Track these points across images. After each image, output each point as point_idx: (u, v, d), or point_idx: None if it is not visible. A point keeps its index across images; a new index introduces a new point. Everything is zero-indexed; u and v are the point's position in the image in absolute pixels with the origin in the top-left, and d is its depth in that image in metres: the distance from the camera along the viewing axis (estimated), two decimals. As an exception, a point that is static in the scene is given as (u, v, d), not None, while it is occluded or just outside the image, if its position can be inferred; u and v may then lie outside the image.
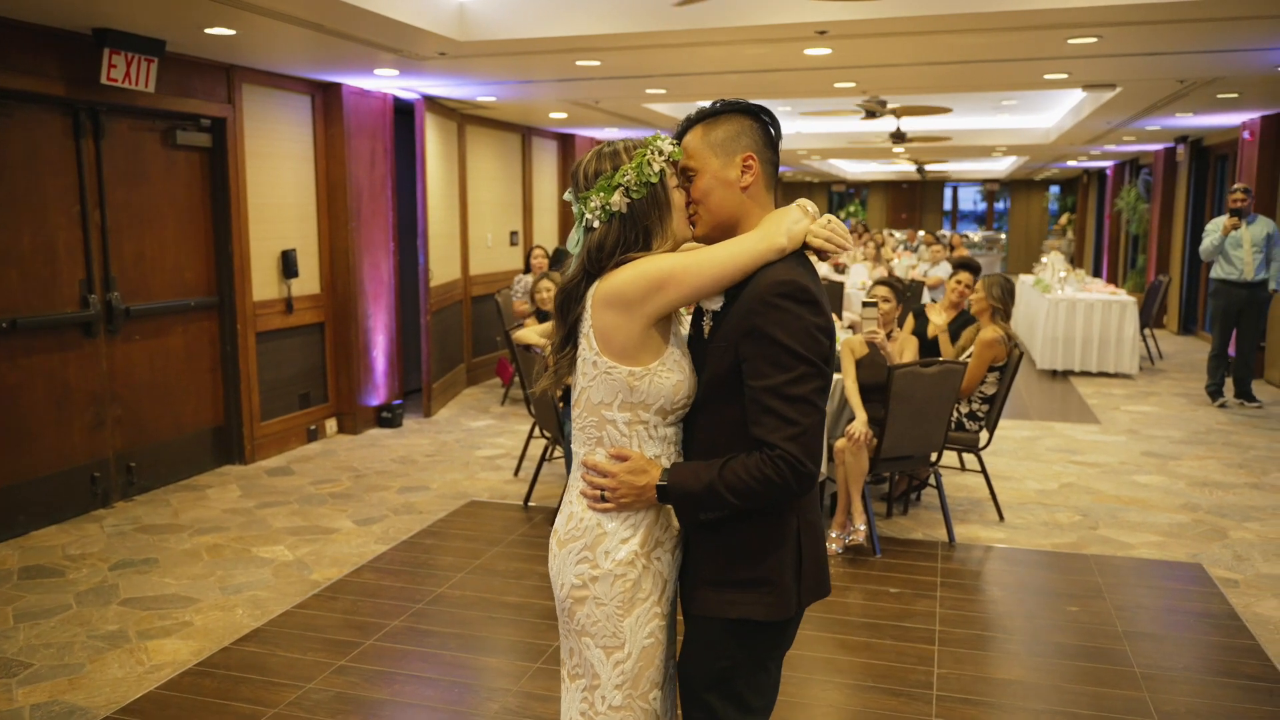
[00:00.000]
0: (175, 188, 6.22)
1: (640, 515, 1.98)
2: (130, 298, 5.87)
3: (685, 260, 1.91)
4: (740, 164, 1.99)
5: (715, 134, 2.00)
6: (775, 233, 1.93)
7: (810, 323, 1.83)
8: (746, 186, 2.00)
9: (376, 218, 7.80)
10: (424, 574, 4.73)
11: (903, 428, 4.91)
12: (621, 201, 1.97)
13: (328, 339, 7.59)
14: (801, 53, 6.10)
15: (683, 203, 2.02)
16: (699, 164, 2.00)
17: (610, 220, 1.98)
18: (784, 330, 1.82)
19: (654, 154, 1.98)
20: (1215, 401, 8.60)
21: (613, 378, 1.95)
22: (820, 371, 1.84)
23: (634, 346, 1.93)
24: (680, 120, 2.08)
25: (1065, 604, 4.36)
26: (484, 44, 5.72)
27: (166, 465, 6.22)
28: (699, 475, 1.91)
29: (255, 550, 5.06)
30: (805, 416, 1.83)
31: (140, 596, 4.45)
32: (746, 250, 1.92)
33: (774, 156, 2.04)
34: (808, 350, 1.82)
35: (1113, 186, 18.74)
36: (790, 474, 1.82)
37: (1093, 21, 5.22)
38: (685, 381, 1.98)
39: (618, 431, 1.99)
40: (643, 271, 1.90)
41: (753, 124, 2.01)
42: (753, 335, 1.86)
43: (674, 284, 1.89)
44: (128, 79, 5.43)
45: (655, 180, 1.97)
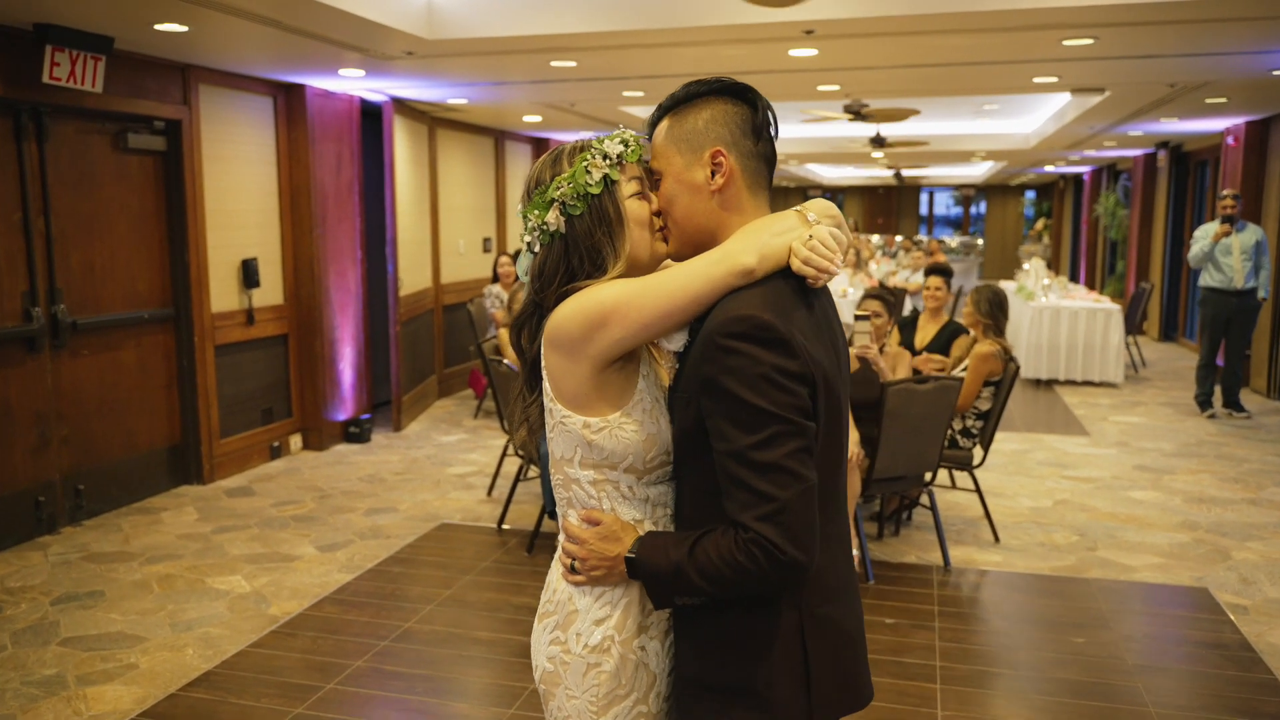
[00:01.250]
0: (127, 194, 5.88)
1: (619, 592, 1.66)
2: (78, 310, 5.52)
3: (633, 290, 1.56)
4: (708, 161, 1.61)
5: (682, 125, 1.63)
6: (740, 250, 1.55)
7: (771, 367, 1.45)
8: (719, 189, 1.61)
9: (343, 224, 7.48)
10: (390, 607, 4.43)
11: (896, 447, 4.67)
12: (558, 220, 1.63)
13: (292, 351, 7.26)
14: (786, 54, 5.86)
15: (645, 215, 1.66)
16: (662, 164, 1.65)
17: (550, 242, 1.66)
18: (739, 380, 1.46)
19: (594, 159, 1.63)
20: (1204, 412, 8.45)
21: (568, 429, 1.64)
22: (797, 429, 1.46)
23: (586, 394, 1.60)
24: (654, 111, 1.73)
25: (1070, 634, 4.13)
26: (454, 43, 5.44)
27: (118, 487, 5.87)
28: (668, 552, 1.56)
29: (210, 581, 4.74)
30: (781, 488, 1.44)
31: (82, 635, 4.12)
32: (700, 274, 1.54)
33: (761, 148, 1.65)
34: (773, 404, 1.45)
35: (1090, 192, 18.69)
36: (766, 561, 1.45)
37: (1090, 22, 5.01)
38: (658, 436, 1.64)
39: (584, 492, 1.67)
40: (581, 306, 1.56)
41: (730, 108, 1.62)
42: (709, 388, 1.50)
43: (618, 320, 1.54)
44: (72, 78, 5.10)
45: (596, 191, 1.62)
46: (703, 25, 5.00)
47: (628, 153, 1.65)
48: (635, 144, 1.67)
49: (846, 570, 1.68)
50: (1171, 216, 13.13)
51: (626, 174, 1.65)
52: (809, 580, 1.53)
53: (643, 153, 1.71)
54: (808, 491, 1.47)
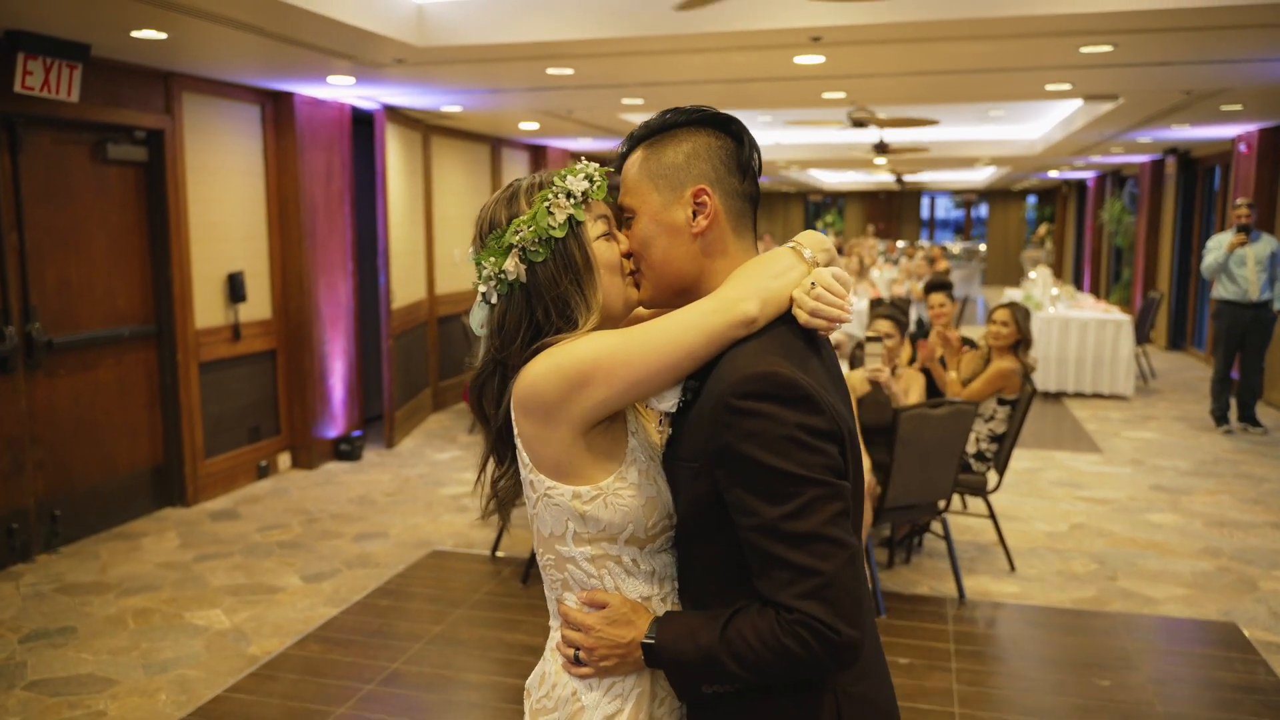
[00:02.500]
0: (106, 206, 5.66)
1: (630, 682, 1.46)
2: (54, 329, 5.29)
3: (616, 345, 1.37)
4: (690, 200, 1.44)
5: (660, 159, 1.46)
6: (739, 297, 1.38)
7: (797, 427, 1.30)
8: (701, 232, 1.45)
9: (333, 236, 7.26)
10: (377, 645, 4.20)
11: (909, 474, 4.44)
12: (518, 268, 1.44)
13: (280, 367, 7.03)
14: (791, 60, 5.64)
15: (615, 258, 1.47)
16: (635, 202, 1.47)
17: (509, 292, 1.46)
18: (763, 446, 1.30)
19: (558, 198, 1.44)
20: (1220, 427, 8.21)
21: (556, 503, 1.43)
22: (833, 491, 1.31)
23: (571, 461, 1.41)
24: (623, 141, 1.54)
25: (1096, 676, 3.90)
26: (445, 50, 5.22)
27: (97, 512, 5.64)
28: (696, 635, 1.37)
29: (188, 615, 4.51)
30: (824, 560, 1.28)
31: (50, 678, 3.89)
32: (695, 326, 1.37)
33: (747, 186, 1.48)
34: (803, 467, 1.29)
35: (1094, 198, 18.48)
36: (816, 644, 1.28)
37: (1109, 29, 4.80)
38: (659, 498, 1.45)
39: (581, 572, 1.47)
40: (557, 365, 1.38)
41: (713, 142, 1.46)
42: (726, 457, 1.33)
43: (601, 378, 1.36)
44: (46, 87, 4.88)
45: (560, 234, 1.43)
46: (704, 32, 4.78)
47: (593, 190, 1.46)
48: (601, 179, 1.49)
49: (874, 639, 1.51)
50: (1179, 224, 12.92)
51: (592, 213, 1.47)
52: (861, 657, 1.35)
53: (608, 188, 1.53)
54: (853, 559, 1.31)
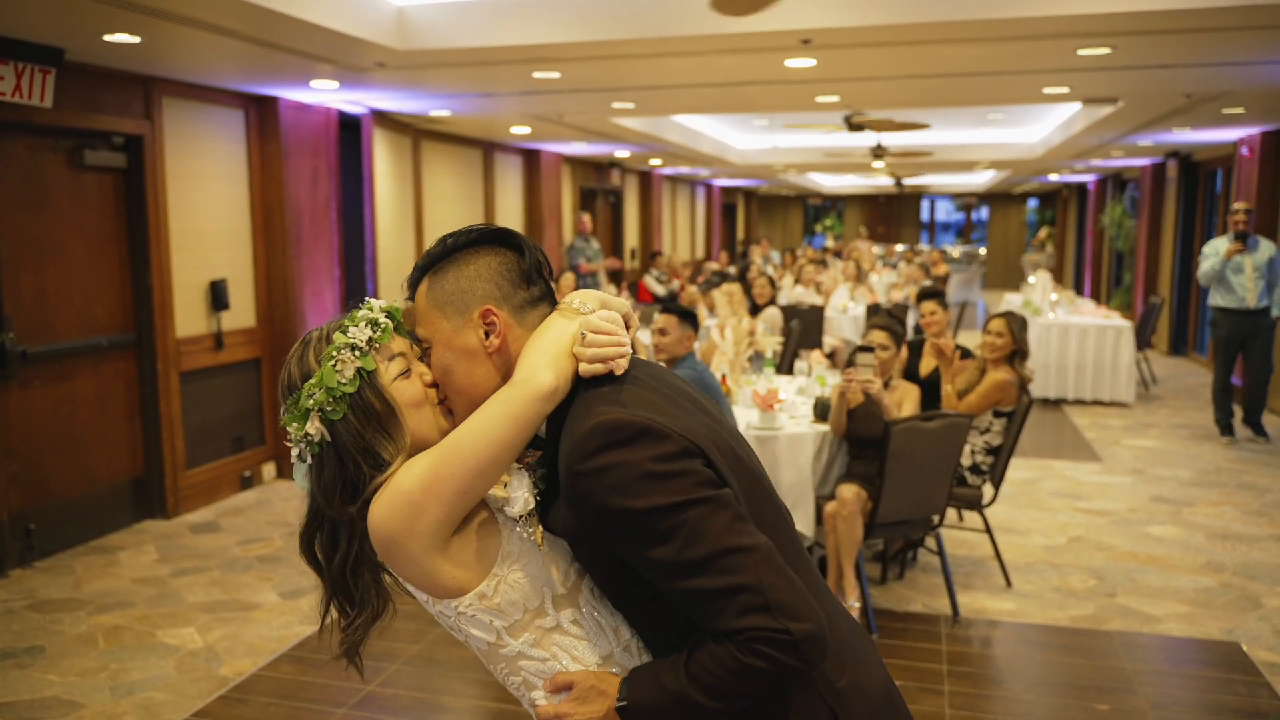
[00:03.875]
0: (83, 214, 5.54)
1: None
2: (28, 339, 5.18)
3: (436, 461, 1.35)
4: (479, 322, 1.43)
5: (443, 286, 1.45)
6: (530, 373, 1.36)
7: (650, 459, 1.28)
8: (496, 350, 1.43)
9: (319, 242, 7.15)
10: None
11: (901, 490, 4.32)
12: (319, 429, 1.41)
13: (265, 376, 6.91)
14: (782, 64, 5.52)
15: (417, 394, 1.45)
16: (429, 332, 1.46)
17: (320, 452, 1.42)
18: (625, 493, 1.28)
19: (342, 353, 1.41)
20: (1224, 438, 8.04)
21: (471, 615, 1.40)
22: (714, 501, 1.29)
23: (452, 575, 1.38)
24: (410, 273, 1.53)
25: (1094, 700, 3.77)
26: (427, 54, 5.11)
27: (74, 525, 5.52)
28: (662, 681, 1.33)
29: (161, 634, 4.39)
30: (740, 571, 1.26)
31: (14, 701, 3.77)
32: (500, 415, 1.35)
33: (535, 292, 1.47)
34: (675, 493, 1.27)
35: (1095, 201, 18.35)
36: (777, 651, 1.26)
37: (1106, 31, 4.68)
38: (553, 551, 1.43)
39: (534, 662, 1.42)
40: (388, 502, 1.36)
41: (492, 260, 1.46)
42: (603, 522, 1.30)
43: (430, 500, 1.33)
44: (18, 92, 4.76)
45: (352, 389, 1.40)
46: (690, 35, 4.66)
47: (379, 335, 1.44)
48: (385, 321, 1.46)
49: (845, 625, 1.48)
50: (1181, 228, 12.78)
51: (384, 355, 1.44)
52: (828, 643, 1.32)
53: (399, 320, 1.50)
54: (766, 557, 1.29)
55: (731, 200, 24.05)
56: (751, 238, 24.69)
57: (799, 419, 4.87)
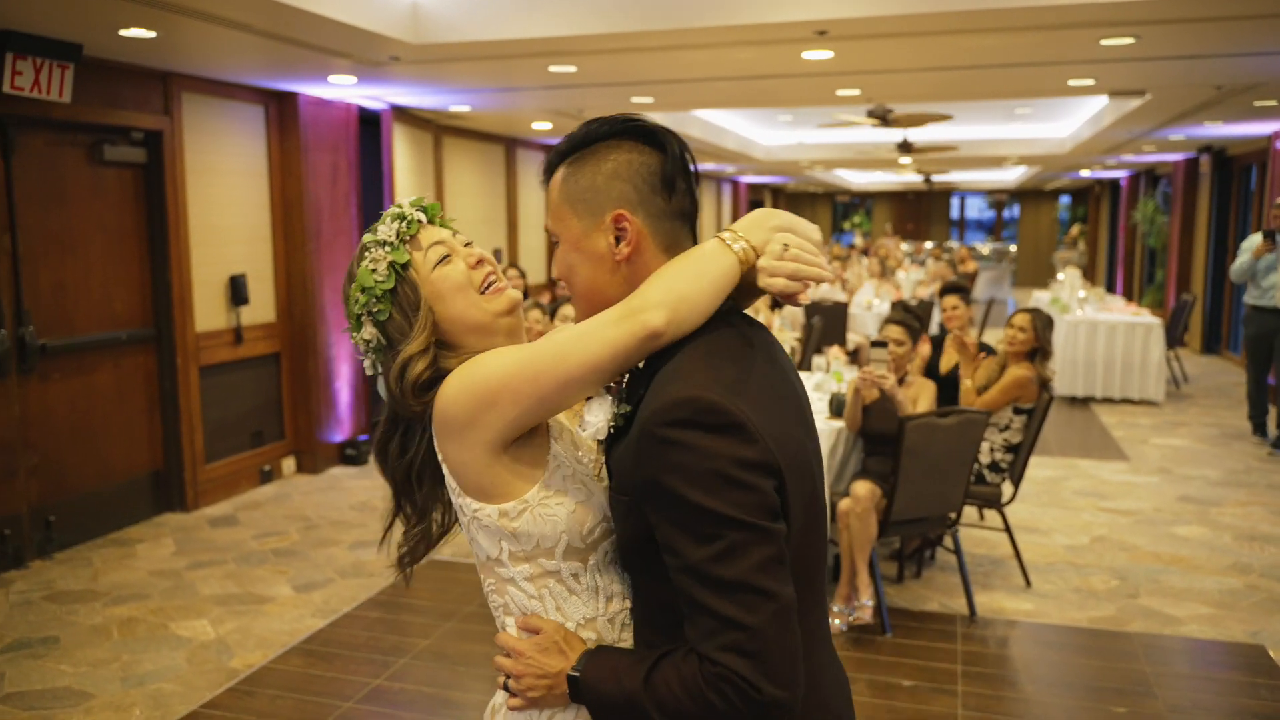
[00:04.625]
0: (103, 209, 5.59)
1: (569, 715, 1.37)
2: (48, 332, 5.23)
3: (524, 361, 1.29)
4: (611, 226, 1.33)
5: (578, 180, 1.35)
6: (644, 305, 1.26)
7: (726, 460, 1.18)
8: (625, 259, 1.33)
9: (339, 238, 7.17)
10: (360, 659, 4.08)
11: (916, 487, 4.25)
12: (374, 333, 1.42)
13: (284, 371, 6.95)
14: (799, 56, 5.46)
15: (460, 277, 1.41)
16: (558, 227, 1.37)
17: (382, 354, 1.44)
18: (688, 480, 1.19)
19: (373, 251, 1.41)
20: (1256, 436, 7.85)
21: (484, 524, 1.36)
22: (762, 534, 1.19)
23: (493, 480, 1.34)
24: (549, 155, 1.45)
25: (1111, 703, 3.69)
26: (441, 47, 5.09)
27: (94, 517, 5.57)
28: (621, 677, 1.27)
29: (174, 626, 4.41)
30: (750, 612, 1.17)
31: (26, 691, 3.80)
32: (598, 339, 1.27)
33: (676, 203, 1.35)
34: (731, 505, 1.17)
35: (1127, 197, 18.06)
36: (739, 700, 1.17)
37: (1130, 19, 4.58)
38: (589, 503, 1.37)
39: (522, 593, 1.40)
40: (465, 384, 1.31)
41: (635, 157, 1.34)
42: (651, 492, 1.23)
43: (508, 397, 1.28)
44: (36, 88, 4.80)
45: (390, 285, 1.39)
46: (704, 26, 4.61)
47: (407, 226, 1.42)
48: (413, 213, 1.44)
49: (831, 683, 1.40)
50: (1214, 224, 12.54)
51: (421, 246, 1.42)
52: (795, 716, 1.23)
53: (435, 213, 1.48)
54: (782, 612, 1.19)
55: (759, 197, 23.93)
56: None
57: (815, 415, 4.80)
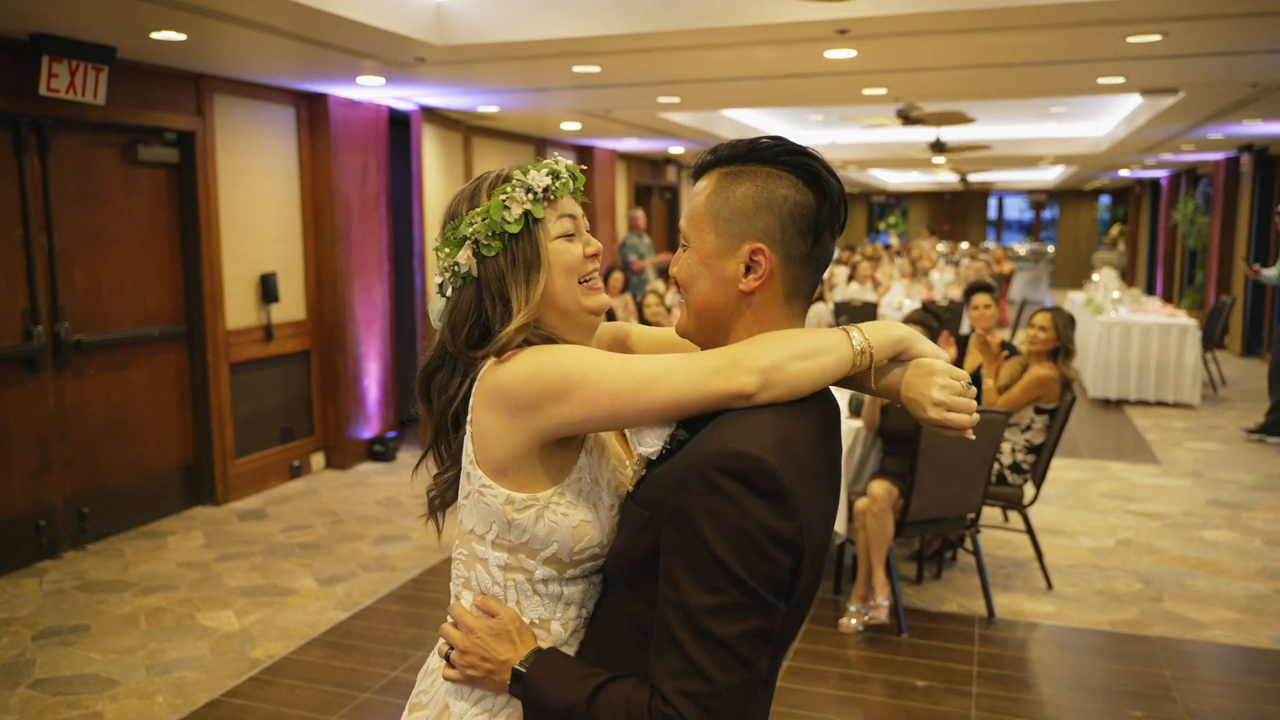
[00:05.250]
0: (137, 208, 5.71)
1: (503, 701, 1.37)
2: (82, 328, 5.36)
3: (606, 370, 1.27)
4: (746, 256, 1.30)
5: (730, 195, 1.31)
6: (746, 367, 1.24)
7: (760, 525, 1.17)
8: (750, 291, 1.31)
9: (368, 237, 7.26)
10: (378, 652, 4.14)
11: (933, 487, 4.24)
12: (470, 261, 1.37)
13: (314, 368, 7.05)
14: (822, 55, 5.45)
15: (574, 260, 1.38)
16: (691, 233, 1.34)
17: (462, 286, 1.39)
18: (718, 529, 1.18)
19: (516, 191, 1.36)
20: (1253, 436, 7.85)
21: (486, 501, 1.35)
22: (764, 607, 1.19)
23: (518, 466, 1.33)
24: (708, 151, 1.40)
25: (1127, 707, 3.65)
26: (465, 48, 5.15)
27: (126, 510, 5.69)
28: (566, 686, 1.27)
29: (200, 616, 4.50)
30: (723, 671, 1.18)
31: (55, 677, 3.90)
32: (689, 381, 1.25)
33: (815, 251, 1.32)
34: (747, 568, 1.17)
35: (1168, 197, 17.78)
36: None
37: (1156, 16, 4.52)
38: (594, 524, 1.36)
39: (489, 577, 1.39)
40: (539, 368, 1.29)
41: (789, 194, 1.30)
42: (677, 522, 1.22)
43: (580, 398, 1.26)
44: (72, 89, 4.92)
45: (515, 230, 1.35)
46: (724, 26, 4.62)
47: (557, 186, 1.39)
48: (568, 177, 1.42)
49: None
50: (1255, 224, 12.31)
51: (556, 210, 1.40)
52: None
53: (581, 185, 1.46)
54: (749, 684, 1.21)
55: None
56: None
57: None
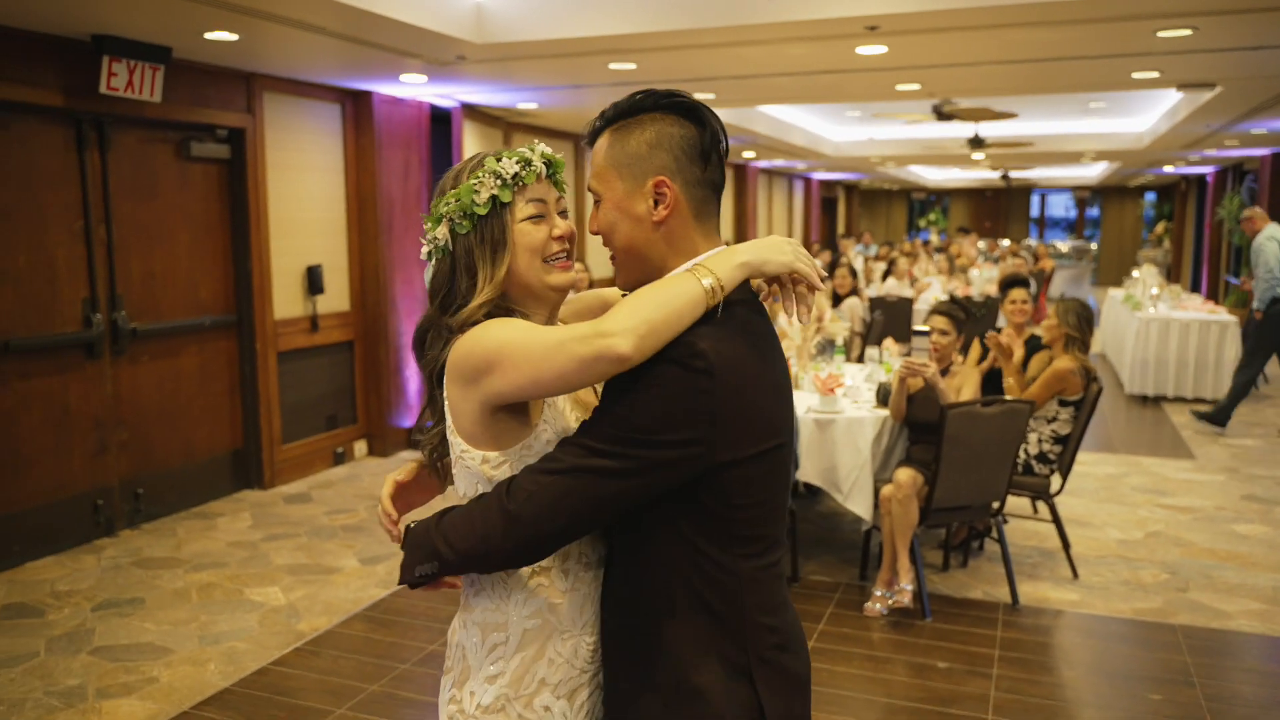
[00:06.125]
0: (190, 201, 5.95)
1: (511, 645, 1.50)
2: (138, 317, 5.60)
3: (522, 342, 1.40)
4: (651, 191, 1.46)
5: (626, 144, 1.47)
6: (615, 330, 1.35)
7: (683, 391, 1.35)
8: (661, 220, 1.47)
9: (410, 231, 7.46)
10: (418, 627, 4.31)
11: (958, 474, 4.32)
12: (446, 236, 1.53)
13: (357, 358, 7.27)
14: (853, 51, 5.54)
15: (537, 241, 1.52)
16: (600, 186, 1.50)
17: (441, 256, 1.56)
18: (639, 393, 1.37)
19: (484, 178, 1.51)
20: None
21: (467, 464, 1.50)
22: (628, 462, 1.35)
23: (483, 429, 1.47)
24: (593, 120, 1.55)
25: (1147, 690, 3.72)
26: (504, 46, 5.31)
27: (178, 491, 5.93)
28: (429, 521, 1.48)
29: (248, 592, 4.71)
30: (558, 460, 1.39)
31: (113, 645, 4.12)
32: (569, 352, 1.38)
33: (709, 174, 1.49)
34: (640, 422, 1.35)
35: (1213, 194, 17.53)
36: (499, 520, 1.39)
37: (1185, 10, 4.56)
38: None
39: None
40: (473, 345, 1.44)
41: (675, 130, 1.47)
42: None
43: (499, 371, 1.41)
44: (130, 88, 5.15)
45: (483, 212, 1.50)
46: (755, 23, 4.73)
47: (526, 173, 1.52)
48: (540, 162, 1.55)
49: (794, 614, 1.55)
50: (1301, 221, 12.13)
51: (525, 195, 1.53)
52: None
53: (558, 170, 1.59)
54: (589, 483, 1.37)
55: (832, 194, 23.81)
56: (852, 232, 24.41)
57: (861, 404, 4.90)
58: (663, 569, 1.42)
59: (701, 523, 1.40)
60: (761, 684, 1.42)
